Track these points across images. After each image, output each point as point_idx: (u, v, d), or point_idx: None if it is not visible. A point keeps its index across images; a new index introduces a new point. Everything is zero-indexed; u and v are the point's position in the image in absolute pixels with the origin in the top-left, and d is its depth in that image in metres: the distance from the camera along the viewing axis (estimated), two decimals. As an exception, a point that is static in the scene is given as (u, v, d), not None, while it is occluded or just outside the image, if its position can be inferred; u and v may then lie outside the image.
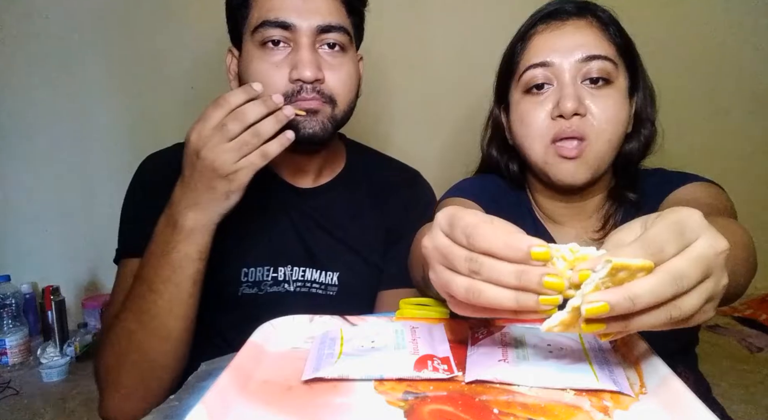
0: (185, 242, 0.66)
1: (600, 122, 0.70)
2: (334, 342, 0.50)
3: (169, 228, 0.67)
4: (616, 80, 0.72)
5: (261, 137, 0.64)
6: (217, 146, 0.63)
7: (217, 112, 0.64)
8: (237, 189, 0.65)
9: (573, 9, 0.74)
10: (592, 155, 0.71)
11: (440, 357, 0.46)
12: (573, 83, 0.71)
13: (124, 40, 1.57)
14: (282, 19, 0.72)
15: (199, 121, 0.64)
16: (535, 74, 0.73)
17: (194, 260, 0.67)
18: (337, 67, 0.75)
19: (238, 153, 0.63)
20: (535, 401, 0.41)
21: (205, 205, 0.66)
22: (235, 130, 0.63)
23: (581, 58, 0.71)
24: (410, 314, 0.58)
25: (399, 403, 0.41)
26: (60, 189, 1.62)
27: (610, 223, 0.79)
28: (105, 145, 1.58)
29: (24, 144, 1.61)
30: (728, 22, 1.54)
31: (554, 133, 0.71)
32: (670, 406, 0.39)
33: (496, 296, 0.37)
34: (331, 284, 0.82)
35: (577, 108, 0.69)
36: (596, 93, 0.71)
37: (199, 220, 0.66)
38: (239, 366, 0.45)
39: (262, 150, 0.65)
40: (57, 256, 1.65)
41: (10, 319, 1.47)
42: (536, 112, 0.73)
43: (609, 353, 0.47)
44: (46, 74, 1.58)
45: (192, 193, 0.65)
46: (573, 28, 0.73)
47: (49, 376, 1.37)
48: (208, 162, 0.63)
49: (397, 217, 0.87)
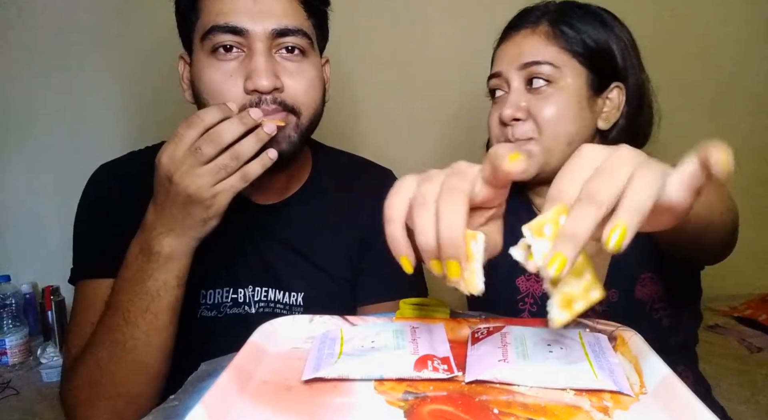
0: (162, 270, 0.61)
1: (545, 120, 0.75)
2: (334, 342, 0.50)
3: (143, 255, 0.61)
4: (561, 81, 0.76)
5: (241, 159, 0.58)
6: (191, 170, 0.57)
7: (190, 132, 0.57)
8: (215, 214, 0.60)
9: (532, 18, 0.80)
10: (539, 151, 0.76)
11: (440, 357, 0.46)
12: (517, 90, 0.77)
13: (124, 40, 1.57)
14: (233, 24, 0.65)
15: (171, 143, 0.58)
16: (492, 83, 0.81)
17: (173, 287, 0.62)
18: (297, 73, 0.68)
19: (216, 177, 0.58)
20: (535, 401, 0.41)
21: (182, 231, 0.60)
22: (210, 152, 0.57)
23: (521, 65, 0.77)
24: (410, 314, 0.58)
25: (399, 403, 0.41)
26: (60, 189, 1.61)
27: None
28: (105, 145, 1.57)
29: (24, 144, 1.61)
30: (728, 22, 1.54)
31: (505, 137, 0.78)
32: (670, 406, 0.39)
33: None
34: (295, 305, 0.78)
35: (513, 114, 0.76)
36: (538, 96, 0.76)
37: (175, 246, 0.61)
38: (239, 366, 0.45)
39: (243, 172, 0.59)
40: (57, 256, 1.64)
41: (10, 319, 1.47)
42: (493, 116, 0.81)
43: (609, 353, 0.47)
44: (46, 74, 1.58)
45: (167, 219, 0.60)
46: (519, 38, 0.79)
47: (49, 376, 1.36)
48: (182, 187, 0.57)
49: (369, 224, 0.82)
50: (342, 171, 0.87)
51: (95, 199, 0.76)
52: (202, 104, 0.70)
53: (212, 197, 0.59)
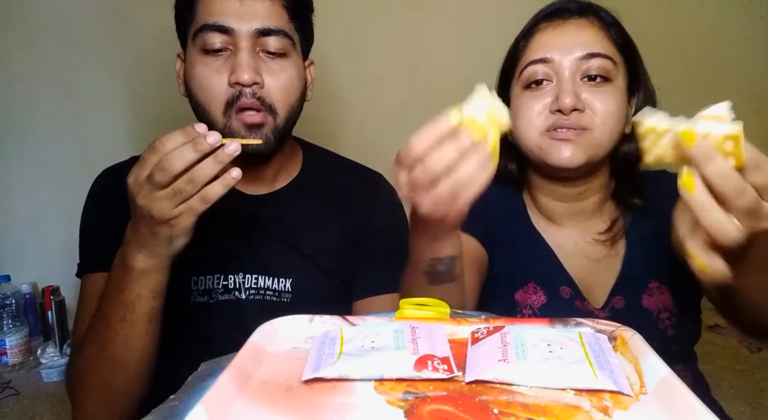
0: (137, 283, 0.64)
1: (599, 115, 0.72)
2: (334, 342, 0.50)
3: (121, 267, 0.65)
4: (615, 79, 0.73)
5: (197, 183, 0.59)
6: (149, 195, 0.59)
7: (151, 157, 0.59)
8: (180, 233, 0.62)
9: (575, 9, 0.76)
10: (589, 142, 0.72)
11: (440, 357, 0.46)
12: (572, 80, 0.72)
13: (124, 40, 1.57)
14: (221, 23, 0.71)
15: (137, 166, 0.60)
16: (535, 70, 0.75)
17: (148, 299, 0.65)
18: (277, 71, 0.74)
19: (173, 201, 0.59)
20: (535, 401, 0.41)
21: (152, 248, 0.63)
22: (162, 180, 0.58)
23: (581, 55, 0.72)
24: (410, 314, 0.58)
25: (399, 403, 0.41)
26: (60, 189, 1.62)
27: (617, 226, 0.80)
28: (105, 145, 1.58)
29: (24, 144, 1.61)
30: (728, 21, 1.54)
31: (550, 123, 0.73)
32: (670, 406, 0.39)
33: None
34: (284, 291, 0.80)
35: (575, 104, 0.71)
36: (595, 90, 0.72)
37: (148, 262, 0.64)
38: (239, 366, 0.45)
39: (202, 195, 0.60)
40: (57, 256, 1.65)
41: (10, 319, 1.47)
42: (533, 104, 0.74)
43: (609, 353, 0.47)
44: (47, 75, 1.58)
45: (138, 236, 0.63)
46: (575, 27, 0.74)
47: (49, 376, 1.37)
48: (145, 210, 0.59)
49: (359, 223, 0.86)
50: (332, 171, 0.90)
51: (96, 200, 0.82)
52: (192, 97, 0.76)
53: (174, 218, 0.60)
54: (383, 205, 0.89)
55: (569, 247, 0.82)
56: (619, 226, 0.80)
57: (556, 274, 0.81)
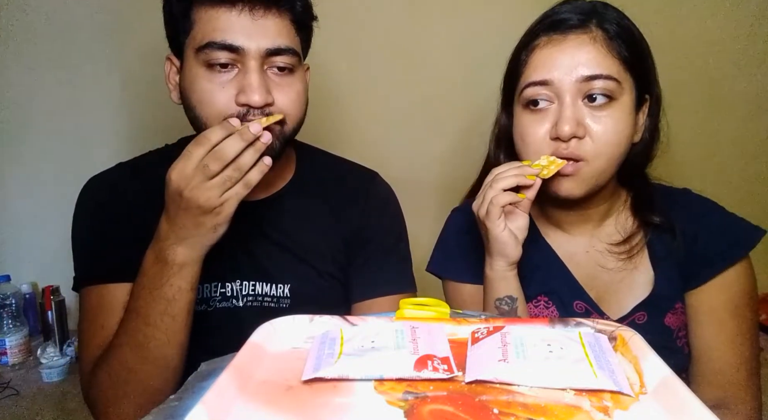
0: (177, 276, 0.67)
1: (599, 144, 0.70)
2: (334, 342, 0.50)
3: (159, 264, 0.67)
4: (620, 97, 0.70)
5: (242, 171, 0.65)
6: (200, 185, 0.63)
7: (198, 149, 0.63)
8: (224, 221, 0.66)
9: (576, 20, 0.71)
10: (589, 174, 0.71)
11: (440, 357, 0.46)
12: (573, 103, 0.70)
13: (124, 40, 1.57)
14: (229, 42, 0.68)
15: (180, 161, 0.64)
16: (535, 91, 0.72)
17: (187, 291, 0.68)
18: (286, 87, 0.73)
19: (222, 189, 0.64)
20: (535, 401, 0.41)
21: (194, 240, 0.66)
22: (216, 168, 0.63)
23: (582, 77, 0.69)
24: (410, 314, 0.58)
25: (399, 403, 0.41)
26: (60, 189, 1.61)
27: (635, 239, 0.78)
28: (105, 145, 1.58)
29: (24, 144, 1.61)
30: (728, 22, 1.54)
31: (552, 151, 0.71)
32: (670, 406, 0.39)
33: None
34: (283, 297, 0.80)
35: (575, 131, 0.69)
36: (597, 113, 0.70)
37: (188, 254, 0.67)
38: (239, 366, 0.45)
39: (245, 180, 0.66)
40: (57, 256, 1.64)
41: (10, 319, 1.47)
42: (534, 130, 0.73)
43: (609, 353, 0.47)
44: (46, 74, 1.58)
45: (179, 230, 0.65)
46: (575, 44, 0.70)
47: (49, 376, 1.36)
48: (192, 201, 0.63)
49: (356, 224, 0.85)
50: (327, 171, 0.89)
51: (87, 209, 0.80)
52: (191, 109, 0.74)
53: (220, 206, 0.65)
54: (380, 204, 0.89)
55: (580, 256, 0.81)
56: (637, 240, 0.78)
57: (568, 287, 0.80)
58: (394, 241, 0.89)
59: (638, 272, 0.78)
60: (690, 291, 0.76)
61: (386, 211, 0.89)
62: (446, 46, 1.54)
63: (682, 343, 0.77)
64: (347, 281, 0.85)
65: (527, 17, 0.79)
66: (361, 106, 1.57)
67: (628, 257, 0.78)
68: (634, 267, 0.78)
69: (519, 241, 0.73)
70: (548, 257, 0.82)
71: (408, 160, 1.55)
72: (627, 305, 0.77)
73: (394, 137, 1.58)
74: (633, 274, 0.78)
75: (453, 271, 0.88)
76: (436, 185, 1.54)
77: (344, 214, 0.86)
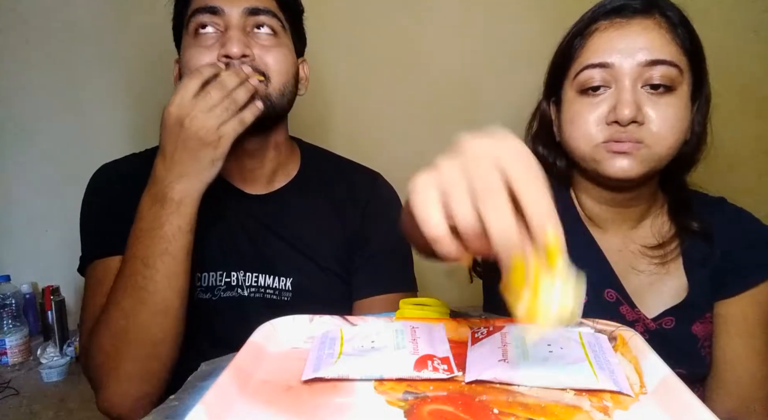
0: (176, 215, 0.67)
1: (660, 130, 0.67)
2: (334, 342, 0.50)
3: (157, 205, 0.67)
4: (680, 87, 0.68)
5: (237, 104, 0.68)
6: (200, 114, 0.65)
7: (193, 81, 0.66)
8: (221, 156, 0.67)
9: (640, 5, 0.69)
10: (647, 157, 0.68)
11: (440, 357, 0.46)
12: (633, 88, 0.67)
13: (124, 39, 1.57)
14: (211, 4, 0.74)
15: (178, 93, 0.66)
16: (592, 75, 0.69)
17: (186, 232, 0.68)
18: (269, 46, 0.76)
19: (219, 119, 0.66)
20: (535, 401, 0.41)
21: (192, 175, 0.67)
22: (216, 97, 0.66)
23: (644, 61, 0.66)
24: (410, 314, 0.58)
25: (399, 403, 0.41)
26: (60, 189, 1.62)
27: (671, 245, 0.76)
28: (105, 145, 1.58)
29: (24, 144, 1.61)
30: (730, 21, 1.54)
31: (606, 136, 0.68)
32: (670, 406, 0.39)
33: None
34: (285, 290, 0.81)
35: (635, 116, 0.65)
36: (657, 100, 0.67)
37: (186, 191, 0.67)
38: (239, 366, 0.45)
39: (240, 117, 0.68)
40: (57, 256, 1.65)
41: (10, 319, 1.47)
42: (589, 114, 0.69)
43: (609, 353, 0.47)
44: (47, 74, 1.58)
45: (177, 166, 0.66)
46: (638, 28, 0.68)
47: (49, 376, 1.36)
48: (192, 131, 0.65)
49: (359, 224, 0.86)
50: (330, 171, 0.90)
51: (98, 193, 0.81)
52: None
53: (218, 139, 0.66)
54: (383, 204, 0.89)
55: (614, 253, 0.79)
56: (672, 246, 0.76)
57: (602, 275, 0.77)
58: (395, 240, 0.89)
59: (670, 278, 0.76)
60: (720, 301, 0.75)
61: (388, 210, 0.89)
62: (449, 46, 1.54)
63: (705, 352, 0.76)
64: (349, 279, 0.86)
65: (531, 17, 0.79)
66: (363, 107, 1.57)
67: (662, 262, 0.76)
68: (666, 272, 0.77)
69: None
70: (587, 244, 0.79)
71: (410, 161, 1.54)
72: (656, 309, 0.75)
73: (396, 138, 1.58)
74: (664, 278, 0.77)
75: None
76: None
77: (347, 213, 0.87)
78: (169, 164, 0.67)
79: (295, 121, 0.89)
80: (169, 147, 0.67)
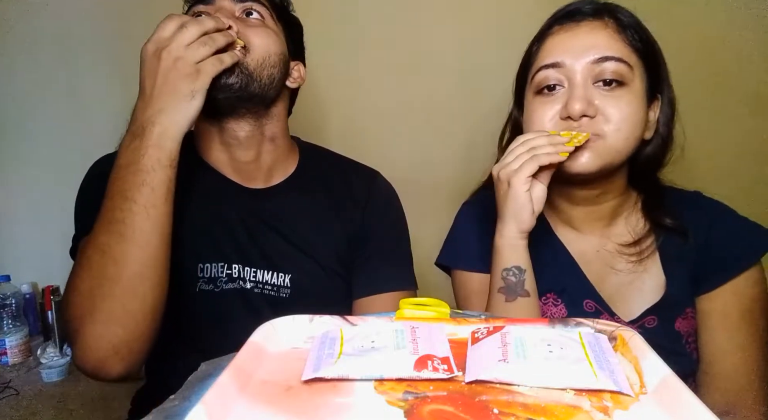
0: (155, 147, 0.66)
1: (613, 122, 0.69)
2: (334, 342, 0.50)
3: (136, 140, 0.67)
4: (631, 83, 0.71)
5: (216, 43, 0.68)
6: (178, 47, 0.66)
7: (171, 22, 0.67)
8: (200, 88, 0.67)
9: (590, 10, 0.73)
10: (602, 149, 0.70)
11: (440, 357, 0.46)
12: (584, 84, 0.70)
13: (125, 39, 1.57)
14: None
15: (156, 32, 0.67)
16: (546, 75, 0.73)
17: (165, 166, 0.66)
18: (254, 26, 0.78)
19: (197, 53, 0.66)
20: (535, 401, 0.41)
21: (171, 108, 0.66)
22: (194, 31, 0.67)
23: (593, 59, 0.70)
24: (410, 314, 0.58)
25: (399, 403, 0.41)
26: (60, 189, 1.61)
27: (646, 242, 0.78)
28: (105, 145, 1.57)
29: (24, 144, 1.61)
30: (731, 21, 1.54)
31: (561, 130, 0.71)
32: (670, 406, 0.39)
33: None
34: (283, 286, 0.81)
35: (585, 110, 0.69)
36: (609, 94, 0.70)
37: (166, 125, 0.66)
38: (239, 366, 0.45)
39: (219, 57, 0.69)
40: (57, 256, 1.64)
41: (10, 319, 1.47)
42: (544, 112, 0.73)
43: (609, 353, 0.47)
44: (46, 73, 1.58)
45: (155, 100, 0.67)
46: (587, 29, 0.72)
47: (49, 376, 1.36)
48: (170, 61, 0.65)
49: (358, 222, 0.86)
50: (329, 169, 0.91)
51: (94, 181, 0.82)
52: None
53: (196, 72, 0.66)
54: (382, 203, 0.89)
55: (590, 255, 0.80)
56: (647, 243, 0.78)
57: (578, 285, 0.79)
58: (395, 239, 0.89)
59: (648, 275, 0.78)
60: (701, 296, 0.76)
61: (388, 209, 0.89)
62: (449, 46, 1.54)
63: (691, 348, 0.76)
64: (348, 277, 0.86)
65: (532, 19, 0.80)
66: (362, 106, 1.57)
67: (639, 260, 0.78)
68: (644, 270, 0.78)
69: (535, 210, 0.72)
70: (559, 254, 0.81)
71: (410, 160, 1.55)
72: (637, 309, 0.77)
73: (396, 137, 1.58)
74: (643, 276, 0.78)
75: (464, 260, 0.87)
76: (437, 185, 1.54)
77: (346, 211, 0.87)
78: (148, 100, 0.67)
79: (294, 121, 0.89)
80: (148, 82, 0.67)
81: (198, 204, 0.77)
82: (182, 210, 0.70)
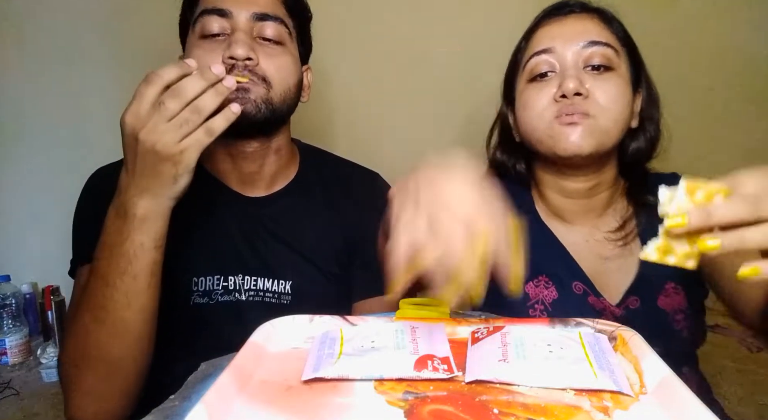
0: (138, 231, 0.62)
1: (604, 102, 0.73)
2: (334, 342, 0.50)
3: (119, 219, 0.62)
4: (618, 68, 0.75)
5: (202, 113, 0.59)
6: (156, 127, 0.58)
7: (150, 89, 0.59)
8: (184, 171, 0.61)
9: (576, 5, 0.78)
10: (595, 128, 0.73)
11: (440, 357, 0.46)
12: (575, 67, 0.74)
13: (124, 39, 1.57)
14: (219, 6, 0.74)
15: (133, 102, 0.59)
16: (538, 61, 0.76)
17: (149, 250, 0.63)
18: (273, 54, 0.75)
19: (180, 132, 0.58)
20: (535, 401, 0.41)
21: (155, 191, 0.61)
22: (174, 107, 0.58)
23: (583, 44, 0.74)
24: (410, 314, 0.58)
25: (399, 403, 0.41)
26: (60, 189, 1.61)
27: (630, 225, 0.80)
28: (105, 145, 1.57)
29: (23, 144, 1.61)
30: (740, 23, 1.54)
31: (556, 111, 0.73)
32: (670, 406, 0.39)
33: None
34: (284, 293, 0.80)
35: (578, 88, 0.72)
36: (598, 77, 0.74)
37: (149, 207, 0.62)
38: (239, 366, 0.45)
39: (207, 126, 0.60)
40: (57, 256, 1.64)
41: (10, 319, 1.47)
42: (539, 95, 0.75)
43: (609, 353, 0.47)
44: (46, 74, 1.58)
45: (138, 179, 0.61)
46: (574, 19, 0.77)
47: (49, 376, 1.36)
48: (149, 145, 0.58)
49: (358, 224, 0.85)
50: (329, 172, 0.90)
51: (92, 195, 0.80)
52: None
53: (179, 153, 0.59)
54: (381, 205, 0.89)
55: (580, 245, 0.82)
56: (631, 226, 0.80)
57: (568, 269, 0.80)
58: None
59: (633, 258, 0.80)
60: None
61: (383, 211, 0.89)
62: (449, 46, 1.54)
63: (680, 326, 0.77)
64: (348, 281, 0.85)
65: (530, 16, 0.81)
66: (363, 108, 1.57)
67: (624, 244, 0.80)
68: (629, 253, 0.80)
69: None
70: (550, 242, 0.82)
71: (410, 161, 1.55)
72: (620, 291, 0.78)
73: (397, 139, 1.57)
74: (628, 260, 0.80)
75: None
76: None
77: (346, 214, 0.86)
78: (131, 177, 0.62)
79: (297, 122, 0.89)
80: (130, 158, 0.61)
81: (196, 214, 0.76)
82: (180, 221, 0.68)
